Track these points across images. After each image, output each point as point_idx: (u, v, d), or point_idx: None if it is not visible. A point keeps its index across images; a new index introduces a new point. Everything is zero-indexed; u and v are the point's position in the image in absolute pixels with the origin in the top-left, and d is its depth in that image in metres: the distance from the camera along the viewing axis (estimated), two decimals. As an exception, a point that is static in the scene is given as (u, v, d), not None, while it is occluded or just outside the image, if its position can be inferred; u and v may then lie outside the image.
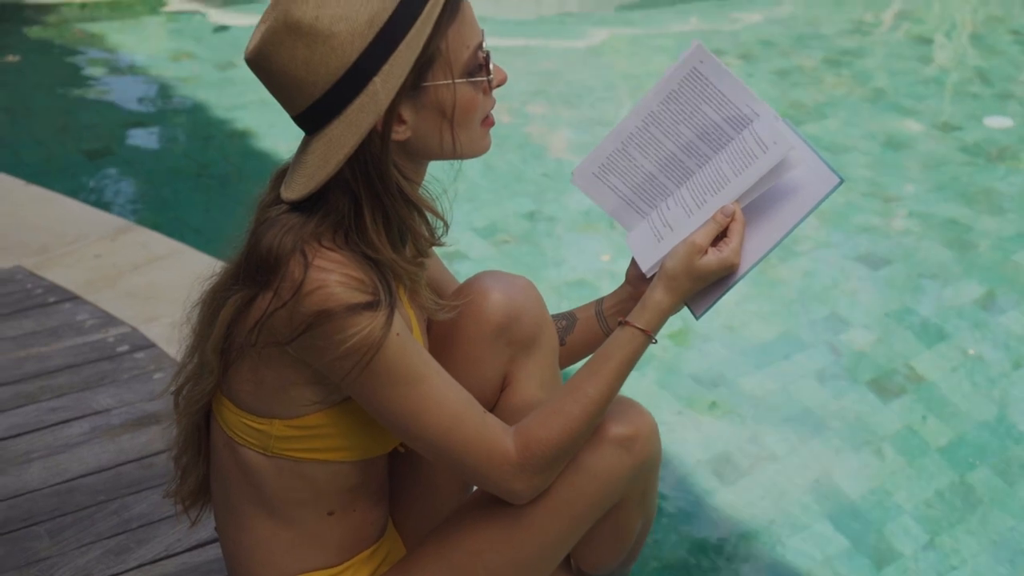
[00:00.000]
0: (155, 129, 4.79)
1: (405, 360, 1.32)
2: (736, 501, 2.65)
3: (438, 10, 1.27)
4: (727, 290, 1.46)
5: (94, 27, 5.93)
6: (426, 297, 1.46)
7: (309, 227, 1.30)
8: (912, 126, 4.83)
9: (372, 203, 1.32)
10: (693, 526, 2.58)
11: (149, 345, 2.53)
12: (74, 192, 3.64)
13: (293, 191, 1.31)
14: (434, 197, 1.40)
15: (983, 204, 4.15)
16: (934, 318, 3.38)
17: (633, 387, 3.00)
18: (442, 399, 1.35)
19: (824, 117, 4.88)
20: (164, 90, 5.16)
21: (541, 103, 5.10)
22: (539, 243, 3.77)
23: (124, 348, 2.52)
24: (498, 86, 1.38)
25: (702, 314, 1.48)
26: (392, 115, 1.29)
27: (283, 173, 1.39)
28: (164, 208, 3.98)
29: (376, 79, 1.27)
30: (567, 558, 1.66)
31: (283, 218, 1.32)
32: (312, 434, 1.40)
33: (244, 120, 4.69)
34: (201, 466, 1.54)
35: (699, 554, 2.46)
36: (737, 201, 1.42)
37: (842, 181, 1.41)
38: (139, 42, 5.79)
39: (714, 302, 1.47)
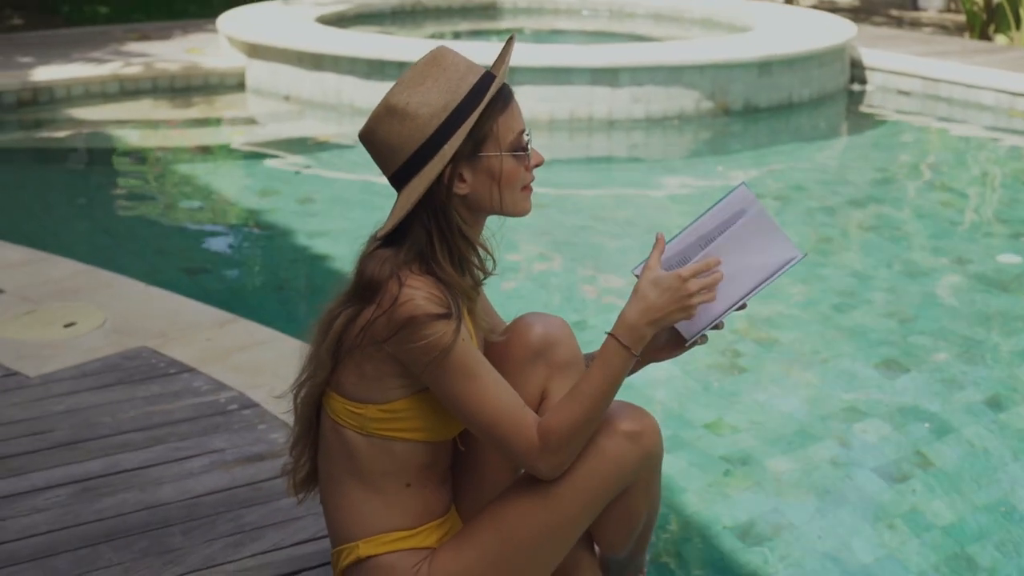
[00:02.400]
0: (243, 251, 5.38)
1: (466, 359, 1.79)
2: (758, 561, 2.99)
3: (487, 101, 1.79)
4: (713, 322, 1.87)
5: (187, 168, 6.61)
6: (481, 317, 1.95)
7: (400, 257, 1.81)
8: (929, 259, 5.27)
9: (440, 239, 1.82)
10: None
11: (254, 405, 2.99)
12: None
13: (383, 228, 1.83)
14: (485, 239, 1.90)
15: (992, 325, 4.55)
16: (942, 414, 3.74)
17: (671, 462, 3.40)
18: (491, 392, 1.81)
19: (847, 250, 5.34)
20: (251, 220, 5.77)
21: (590, 233, 5.64)
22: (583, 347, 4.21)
23: (234, 407, 2.98)
24: (536, 166, 1.89)
25: (690, 340, 1.89)
26: (455, 174, 1.80)
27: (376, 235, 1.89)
28: (251, 315, 4.49)
29: (445, 147, 1.79)
30: (592, 546, 2.06)
31: (378, 252, 1.83)
32: (397, 416, 1.86)
33: (321, 246, 5.25)
34: (311, 450, 1.99)
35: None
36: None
37: (805, 255, 1.87)
38: (227, 181, 6.45)
39: (700, 331, 1.89)
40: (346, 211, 5.75)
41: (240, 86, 8.12)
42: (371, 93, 7.31)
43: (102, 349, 3.29)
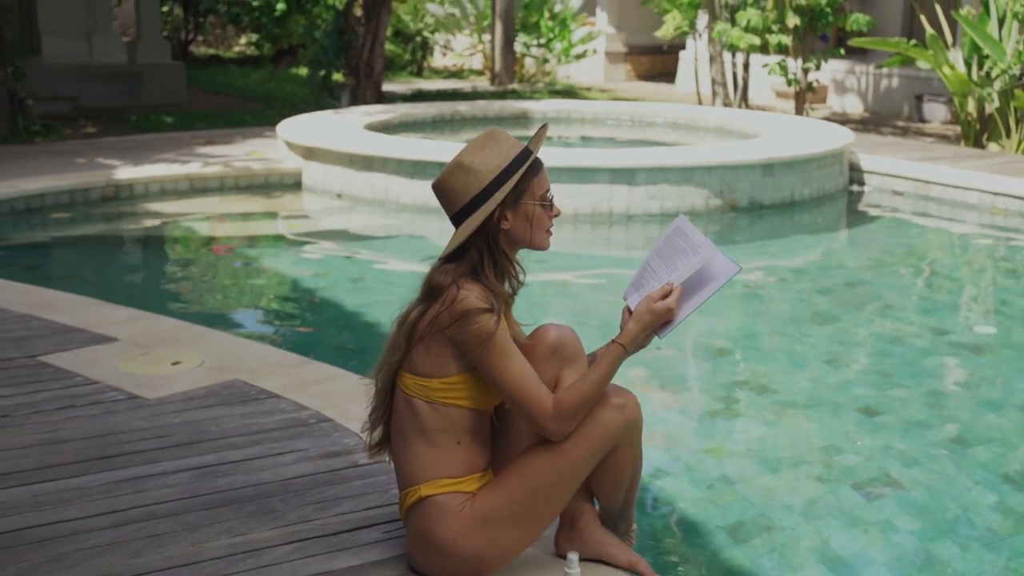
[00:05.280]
0: (304, 318, 6.13)
1: (504, 344, 2.51)
2: (745, 554, 3.62)
3: (526, 167, 2.55)
4: (677, 324, 2.61)
5: (250, 253, 7.41)
6: (513, 322, 2.68)
7: (459, 270, 2.55)
8: (912, 329, 5.93)
9: (489, 258, 2.56)
10: (710, 569, 3.56)
11: (329, 420, 3.68)
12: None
13: (446, 250, 2.58)
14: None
15: (963, 381, 5.19)
16: (912, 449, 4.38)
17: (675, 478, 4.04)
18: (519, 370, 2.52)
19: (839, 321, 6.02)
20: (310, 294, 6.54)
21: (610, 307, 6.35)
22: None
23: (313, 420, 3.68)
24: (556, 216, 2.63)
25: (664, 335, 2.62)
26: (501, 214, 2.55)
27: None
28: (316, 370, 5.21)
29: (496, 194, 2.54)
30: (591, 499, 2.74)
31: (443, 267, 2.58)
32: (454, 387, 2.57)
33: (371, 314, 5.99)
34: (385, 417, 2.69)
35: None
36: (675, 282, 2.61)
37: (740, 268, 2.63)
38: (287, 264, 7.23)
39: (671, 330, 2.62)
40: (391, 288, 6.51)
41: (297, 185, 9.01)
42: (415, 190, 8.14)
43: (204, 380, 4.02)
